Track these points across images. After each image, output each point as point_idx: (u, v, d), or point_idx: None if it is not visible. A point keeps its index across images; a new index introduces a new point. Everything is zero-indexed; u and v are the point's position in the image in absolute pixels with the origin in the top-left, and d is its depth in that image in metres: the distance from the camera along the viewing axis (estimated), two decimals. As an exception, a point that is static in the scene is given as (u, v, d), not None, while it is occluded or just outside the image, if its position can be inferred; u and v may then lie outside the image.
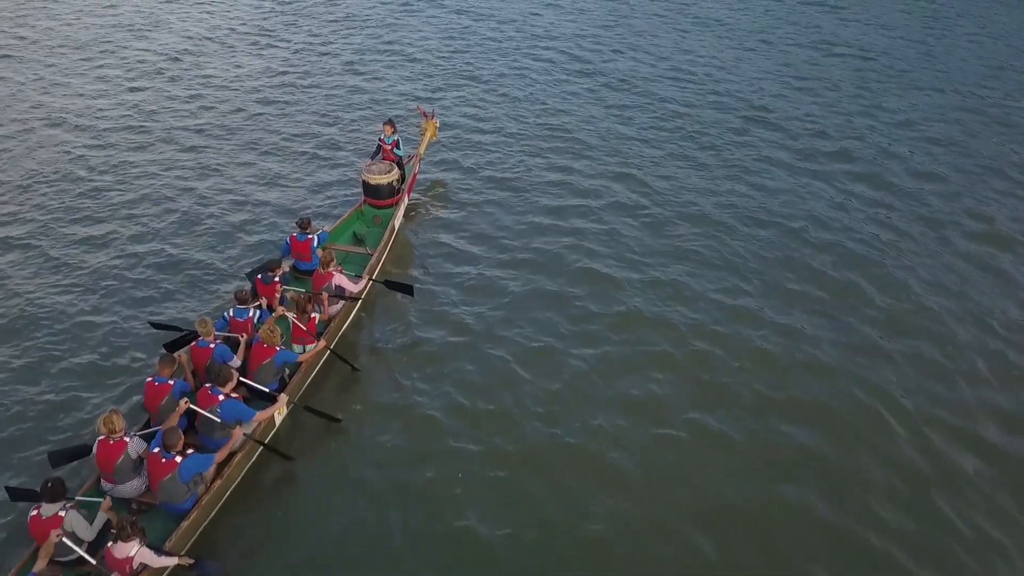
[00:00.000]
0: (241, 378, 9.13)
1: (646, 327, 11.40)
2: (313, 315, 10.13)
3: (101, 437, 7.91)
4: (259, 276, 10.93)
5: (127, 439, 7.96)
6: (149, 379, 8.75)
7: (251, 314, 10.09)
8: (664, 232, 13.87)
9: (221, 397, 8.51)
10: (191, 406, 8.46)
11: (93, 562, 7.20)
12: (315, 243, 11.62)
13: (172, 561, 7.34)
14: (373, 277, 11.88)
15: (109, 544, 7.06)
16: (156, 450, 7.89)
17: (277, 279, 10.84)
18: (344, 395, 10.08)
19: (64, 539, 7.14)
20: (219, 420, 8.45)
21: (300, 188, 14.96)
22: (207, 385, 8.69)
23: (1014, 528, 8.51)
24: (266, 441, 9.08)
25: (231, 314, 10.12)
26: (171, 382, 8.71)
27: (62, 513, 7.19)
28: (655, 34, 24.14)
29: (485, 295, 12.10)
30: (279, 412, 9.40)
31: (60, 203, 14.23)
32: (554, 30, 24.13)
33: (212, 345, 9.25)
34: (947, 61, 22.41)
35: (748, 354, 10.92)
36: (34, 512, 7.23)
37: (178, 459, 7.77)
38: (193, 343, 9.40)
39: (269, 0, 25.91)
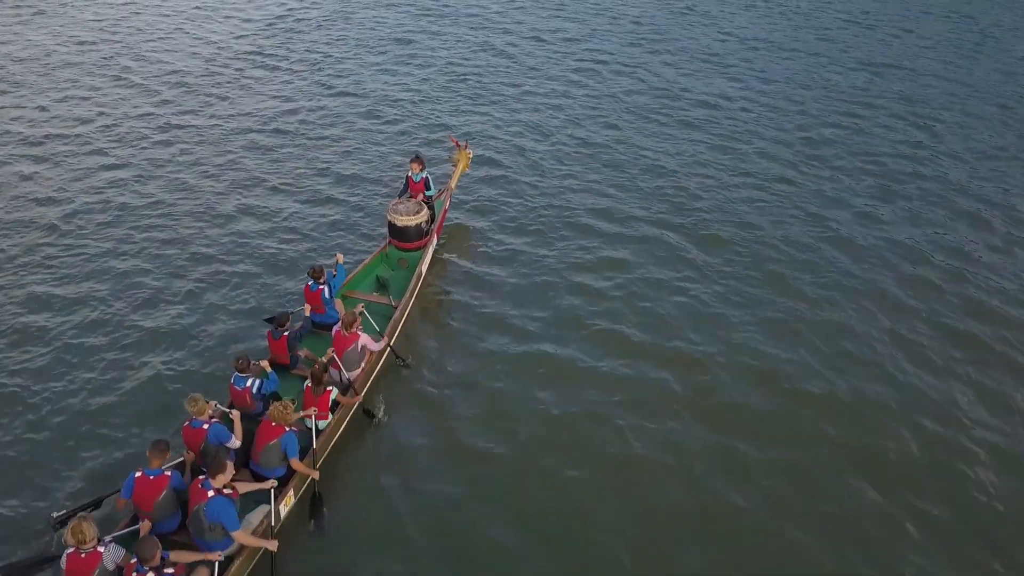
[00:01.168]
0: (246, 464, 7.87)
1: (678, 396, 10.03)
2: (329, 389, 8.80)
3: (70, 551, 6.61)
4: (269, 330, 9.73)
5: (101, 549, 6.67)
6: (139, 473, 7.46)
7: (249, 383, 8.81)
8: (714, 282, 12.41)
9: (211, 493, 7.19)
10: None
11: None
12: (327, 293, 10.34)
13: None
14: (391, 342, 10.54)
15: None
16: (133, 560, 6.61)
17: (287, 333, 9.59)
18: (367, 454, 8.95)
19: None
20: (206, 522, 7.13)
21: (318, 229, 13.64)
22: (200, 476, 7.40)
23: None
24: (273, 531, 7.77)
25: (231, 382, 8.86)
26: (167, 473, 7.46)
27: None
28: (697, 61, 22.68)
29: (516, 344, 10.94)
30: (285, 503, 8.08)
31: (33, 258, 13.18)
32: (591, 47, 22.78)
33: (206, 425, 7.95)
34: None
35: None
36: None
37: (151, 576, 6.47)
38: (185, 423, 8.10)
39: (278, 26, 24.80)
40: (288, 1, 26.66)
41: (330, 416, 8.91)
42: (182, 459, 8.09)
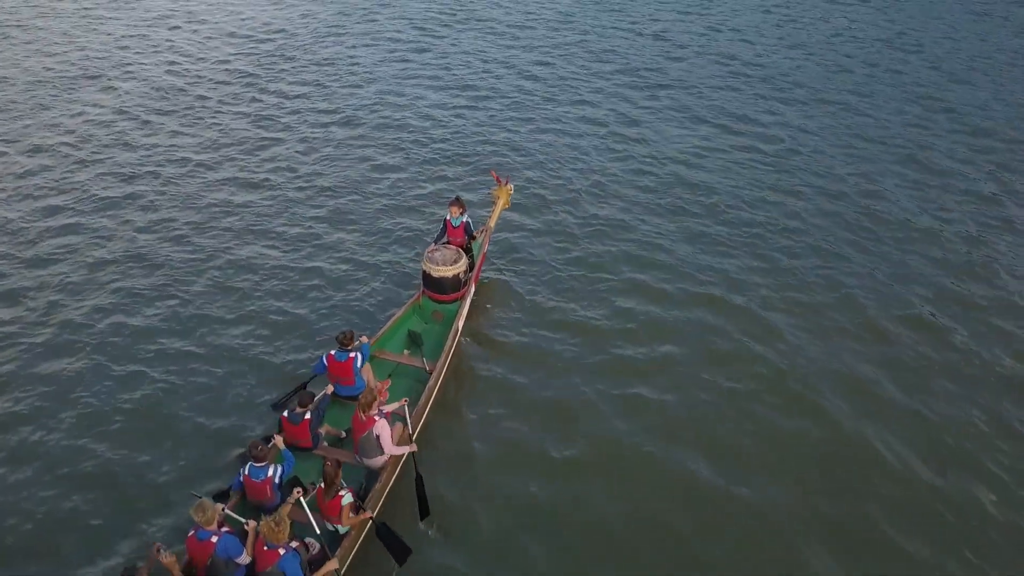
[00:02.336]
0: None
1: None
2: (341, 493, 7.54)
3: None
4: (285, 413, 8.58)
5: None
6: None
7: (270, 473, 7.72)
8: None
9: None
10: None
11: None
12: (358, 362, 9.19)
13: None
14: (413, 439, 8.97)
15: None
16: None
17: (308, 416, 8.48)
18: None
19: None
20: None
21: (345, 280, 12.35)
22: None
23: None
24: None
25: (246, 472, 7.76)
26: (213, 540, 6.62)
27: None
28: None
29: (568, 417, 9.77)
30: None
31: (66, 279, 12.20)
32: (652, 68, 21.45)
33: (215, 538, 6.86)
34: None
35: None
36: None
37: None
38: (191, 533, 7.01)
39: (294, 57, 23.69)
40: (281, 25, 25.64)
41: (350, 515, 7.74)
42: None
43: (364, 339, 9.63)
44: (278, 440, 8.27)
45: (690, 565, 7.96)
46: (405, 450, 8.54)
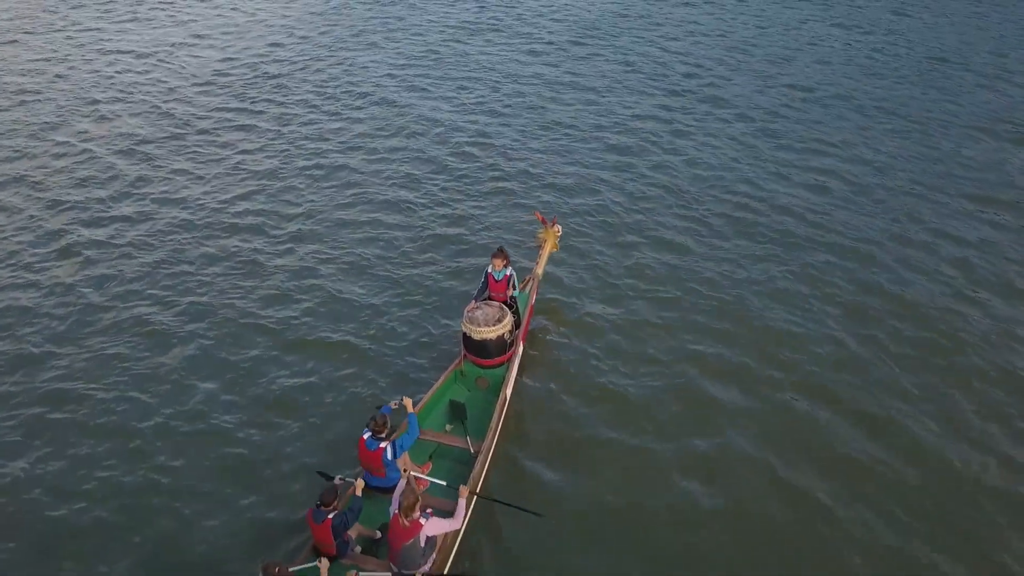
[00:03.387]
0: None
1: None
2: None
3: None
4: (311, 509, 7.30)
5: None
6: None
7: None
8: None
9: None
10: None
11: None
12: (390, 454, 7.82)
13: None
14: (477, 491, 8.10)
15: None
16: None
17: (331, 516, 7.15)
18: None
19: None
20: None
21: (372, 347, 10.74)
22: None
23: None
24: None
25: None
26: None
27: None
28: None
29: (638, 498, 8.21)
30: None
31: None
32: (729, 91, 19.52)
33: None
34: None
35: None
36: None
37: None
38: None
39: (309, 103, 22.15)
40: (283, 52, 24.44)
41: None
42: None
43: (407, 403, 8.30)
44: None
45: None
46: (464, 510, 7.38)
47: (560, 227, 11.83)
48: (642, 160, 15.73)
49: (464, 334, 9.59)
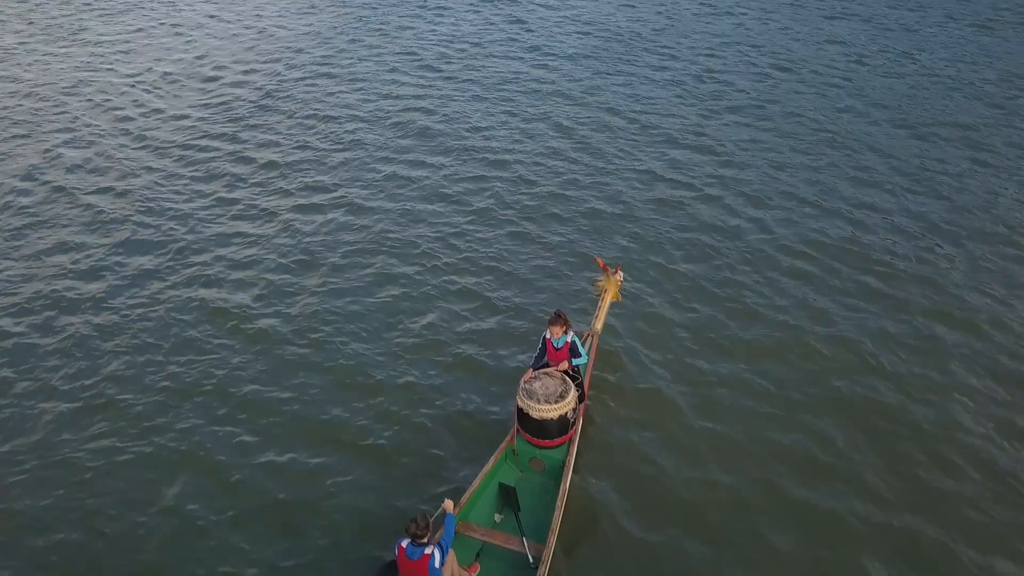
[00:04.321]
0: None
1: None
2: None
3: None
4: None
5: None
6: None
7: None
8: None
9: None
10: None
11: None
12: (438, 560, 6.55)
13: None
14: None
15: None
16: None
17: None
18: None
19: None
20: None
21: (401, 435, 9.23)
22: None
23: None
24: None
25: None
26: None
27: None
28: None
29: None
30: None
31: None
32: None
33: None
34: None
35: None
36: None
37: None
38: None
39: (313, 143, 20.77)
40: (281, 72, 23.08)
41: None
42: None
43: (448, 505, 7.03)
44: None
45: None
46: None
47: (623, 274, 10.64)
48: (728, 213, 14.43)
49: (519, 409, 8.31)
